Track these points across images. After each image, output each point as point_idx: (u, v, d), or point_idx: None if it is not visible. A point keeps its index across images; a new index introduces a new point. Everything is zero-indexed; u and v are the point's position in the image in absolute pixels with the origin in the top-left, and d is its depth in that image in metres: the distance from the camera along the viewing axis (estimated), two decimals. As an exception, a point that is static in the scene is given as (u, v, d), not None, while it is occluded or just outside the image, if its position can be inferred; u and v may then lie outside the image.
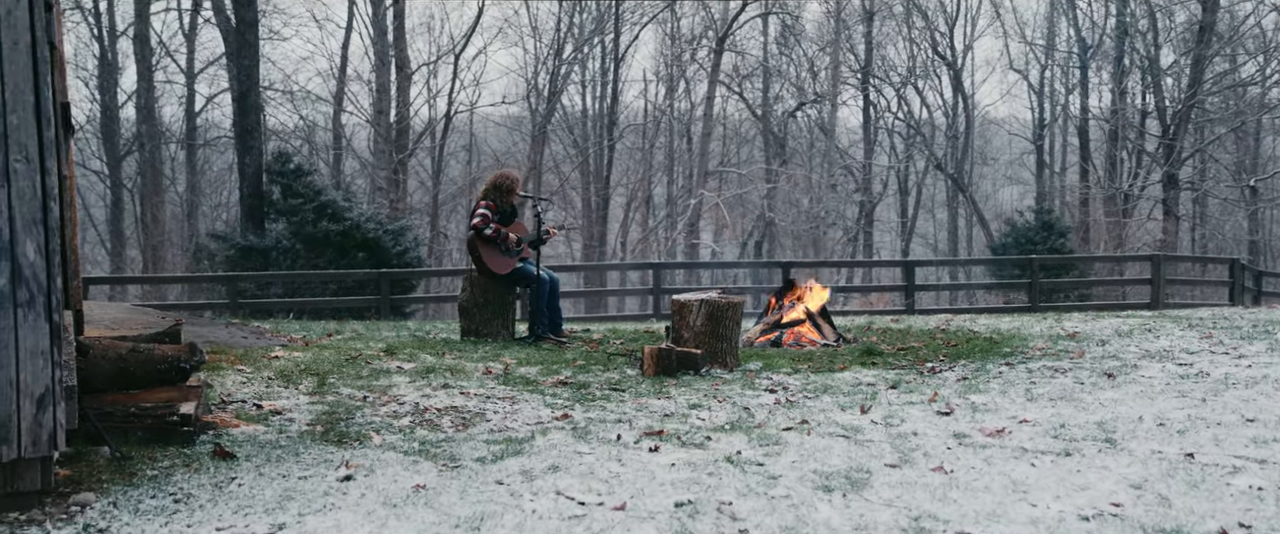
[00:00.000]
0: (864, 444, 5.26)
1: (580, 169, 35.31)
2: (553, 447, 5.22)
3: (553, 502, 4.30)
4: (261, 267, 19.11)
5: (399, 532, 3.91)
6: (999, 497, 4.36)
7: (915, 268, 20.09)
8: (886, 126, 37.50)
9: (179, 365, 5.19)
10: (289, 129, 33.13)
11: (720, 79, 36.51)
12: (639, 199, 35.26)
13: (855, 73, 35.30)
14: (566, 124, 36.15)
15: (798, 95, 36.76)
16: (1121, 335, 9.16)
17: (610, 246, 33.49)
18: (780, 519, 4.10)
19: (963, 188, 34.67)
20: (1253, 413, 5.77)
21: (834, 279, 34.61)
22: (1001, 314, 14.75)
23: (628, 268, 24.17)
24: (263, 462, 4.79)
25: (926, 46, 36.65)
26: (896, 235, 38.96)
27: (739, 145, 38.89)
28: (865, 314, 16.83)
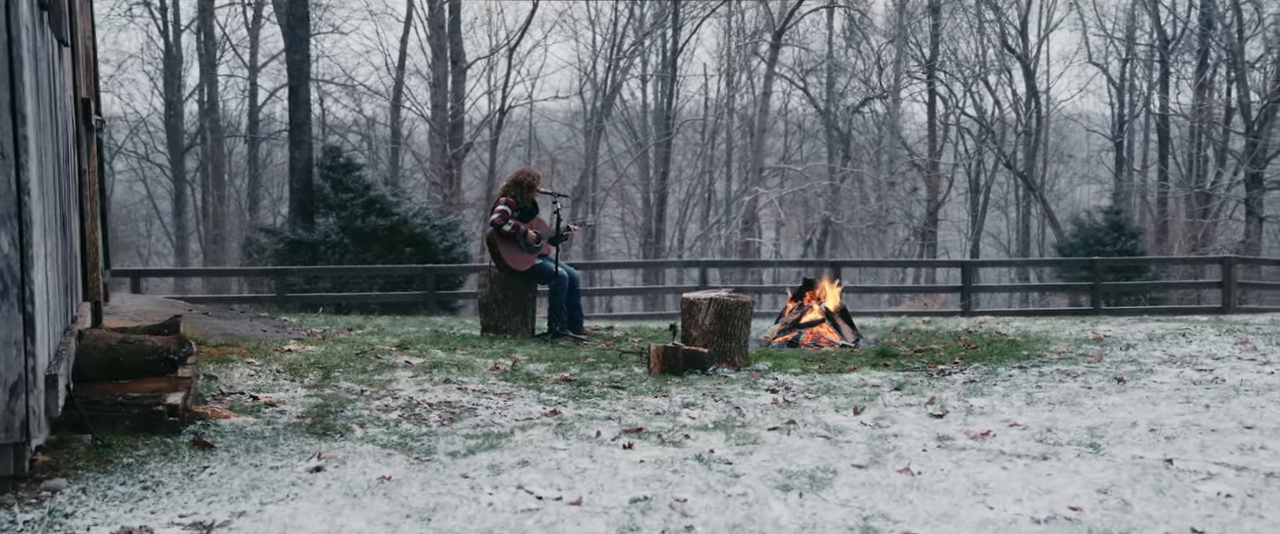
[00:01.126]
0: (841, 445, 5.34)
1: (638, 164, 35.48)
2: (530, 442, 5.38)
3: (511, 495, 4.45)
4: (310, 260, 19.55)
5: (353, 520, 4.09)
6: (957, 498, 4.43)
7: (971, 269, 19.96)
8: (955, 123, 37.14)
9: (168, 357, 5.43)
10: (346, 124, 33.71)
11: (782, 73, 36.47)
12: (697, 195, 35.33)
13: (922, 67, 35.02)
14: (625, 119, 36.33)
15: (864, 90, 36.60)
16: (1152, 340, 9.09)
17: (668, 243, 33.63)
18: (730, 517, 4.20)
19: (1033, 186, 34.23)
20: (1253, 420, 5.75)
21: (899, 279, 34.43)
22: (1057, 317, 14.63)
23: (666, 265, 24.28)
24: (240, 452, 5.01)
25: (996, 40, 36.20)
26: (965, 235, 38.59)
27: (802, 141, 38.78)
28: (919, 315, 16.78)
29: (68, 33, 6.77)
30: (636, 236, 34.84)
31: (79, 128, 7.82)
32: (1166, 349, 8.44)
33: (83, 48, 8.46)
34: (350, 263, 19.49)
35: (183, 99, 36.54)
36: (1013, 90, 38.02)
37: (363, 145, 35.70)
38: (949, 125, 37.35)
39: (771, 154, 35.86)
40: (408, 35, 33.68)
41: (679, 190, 36.62)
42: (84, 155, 7.99)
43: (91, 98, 8.41)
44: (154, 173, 38.66)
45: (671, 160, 34.80)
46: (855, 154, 35.55)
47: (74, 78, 7.81)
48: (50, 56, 5.78)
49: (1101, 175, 42.23)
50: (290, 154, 21.40)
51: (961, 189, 40.37)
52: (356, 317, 12.77)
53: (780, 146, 37.56)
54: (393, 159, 33.93)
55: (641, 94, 37.04)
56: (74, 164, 7.44)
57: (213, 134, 35.76)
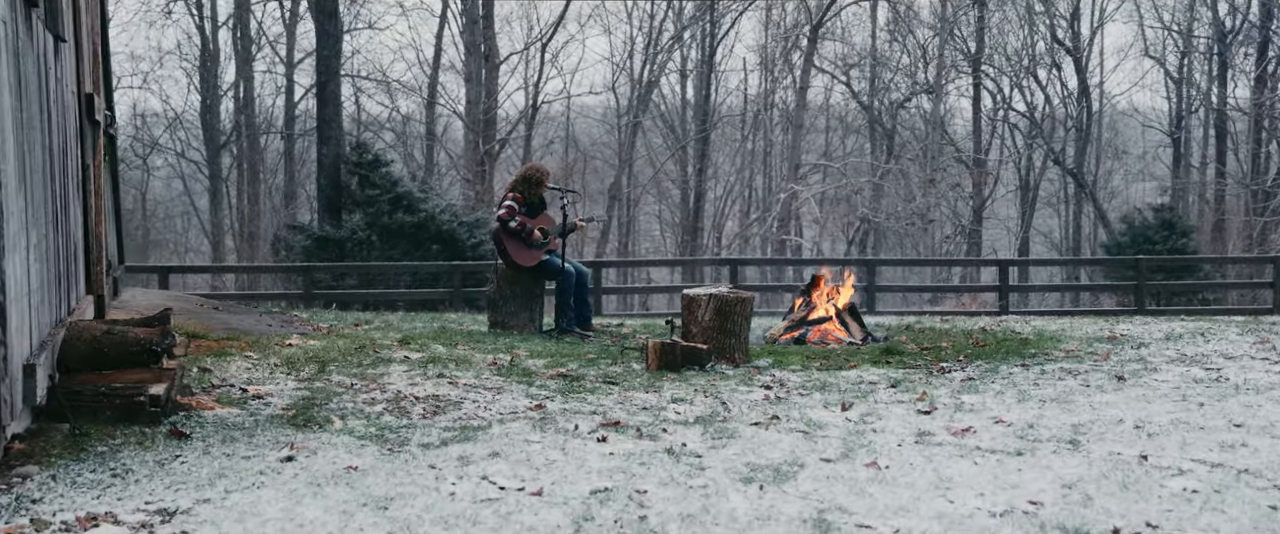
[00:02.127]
0: (817, 440, 5.43)
1: (675, 161, 35.59)
2: (506, 435, 5.51)
3: (474, 485, 4.59)
4: (337, 257, 19.84)
5: (310, 508, 4.24)
6: (918, 492, 4.50)
7: (1008, 268, 19.88)
8: (1003, 119, 36.89)
9: (150, 348, 5.62)
10: (382, 121, 34.10)
11: (824, 68, 36.45)
12: (736, 192, 35.38)
13: (967, 60, 34.83)
14: (662, 114, 36.46)
15: (908, 85, 36.46)
16: (1168, 339, 9.08)
17: (706, 241, 33.72)
18: (686, 507, 4.31)
19: (1082, 183, 33.94)
20: (1243, 419, 5.77)
21: (944, 277, 34.23)
22: (1077, 316, 14.57)
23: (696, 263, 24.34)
24: (216, 442, 5.18)
25: (1046, 33, 35.92)
26: (1013, 234, 38.32)
27: (844, 137, 38.70)
28: (955, 314, 16.76)
29: (65, 28, 6.98)
30: (672, 234, 34.95)
31: (82, 123, 8.06)
32: (1179, 348, 8.43)
33: (92, 44, 8.71)
34: (378, 260, 19.76)
35: (219, 95, 37.14)
36: (1063, 85, 37.72)
37: (399, 143, 36.15)
38: (997, 121, 37.12)
39: (812, 150, 35.84)
40: (443, 31, 34.07)
41: (717, 187, 36.70)
42: (88, 150, 8.23)
43: (97, 93, 8.64)
44: (190, 169, 39.31)
45: (710, 157, 34.89)
46: (899, 150, 35.44)
47: (78, 73, 8.06)
48: (40, 52, 5.99)
49: (1158, 172, 41.71)
50: (318, 150, 21.74)
51: (1011, 186, 40.08)
52: (367, 313, 13.00)
53: (822, 142, 37.51)
54: (428, 156, 34.29)
55: (681, 89, 37.20)
56: (76, 158, 7.67)
57: (248, 130, 36.33)
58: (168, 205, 43.09)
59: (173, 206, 42.93)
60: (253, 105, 36.34)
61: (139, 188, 39.32)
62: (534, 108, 32.97)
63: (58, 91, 6.75)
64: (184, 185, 40.51)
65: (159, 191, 43.59)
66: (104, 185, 9.39)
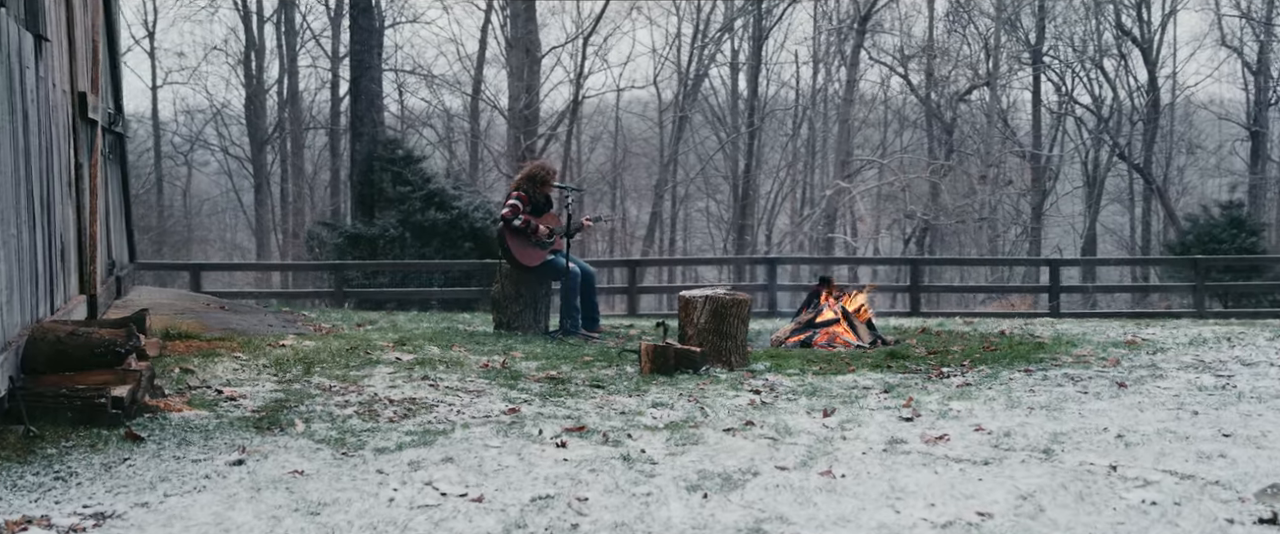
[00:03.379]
0: (782, 447, 5.42)
1: (723, 155, 35.54)
2: (466, 440, 5.57)
3: (416, 491, 4.65)
4: (369, 255, 20.07)
5: (242, 513, 4.32)
6: (866, 502, 4.50)
7: (1061, 267, 19.64)
8: (1068, 112, 36.39)
9: (114, 349, 5.74)
10: (425, 116, 34.40)
11: (882, 60, 36.22)
12: (786, 188, 35.25)
13: (1027, 50, 34.40)
14: (710, 109, 36.42)
15: (971, 77, 36.06)
16: (1192, 343, 8.94)
17: (757, 238, 33.64)
18: (622, 515, 4.34)
19: (1149, 179, 33.39)
20: (1234, 429, 5.68)
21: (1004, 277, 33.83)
22: (1132, 319, 14.37)
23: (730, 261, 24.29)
24: (170, 445, 5.29)
25: (1112, 22, 35.36)
26: (1078, 231, 37.81)
27: (900, 131, 38.41)
28: (1004, 317, 16.61)
29: (48, 27, 7.15)
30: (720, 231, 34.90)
31: (75, 121, 8.25)
32: (1198, 354, 8.30)
33: (88, 42, 8.90)
34: (410, 258, 19.95)
35: (264, 91, 37.71)
36: (1133, 77, 37.11)
37: (444, 138, 36.46)
38: (1060, 114, 36.63)
39: (866, 145, 35.61)
40: (488, 24, 34.29)
41: (768, 183, 36.60)
42: (83, 149, 8.41)
43: (94, 92, 8.82)
44: (235, 166, 39.97)
45: (758, 152, 34.80)
46: (958, 145, 35.09)
47: (71, 71, 8.24)
48: (11, 51, 6.13)
49: (1235, 167, 40.90)
50: (351, 147, 22.00)
51: (1076, 183, 39.53)
52: (396, 312, 13.14)
53: (877, 137, 37.26)
54: (472, 152, 34.56)
55: (731, 81, 37.11)
56: (65, 157, 7.85)
57: (293, 126, 36.86)
58: (214, 202, 43.88)
59: (219, 203, 43.71)
60: (297, 100, 36.84)
61: (181, 184, 40.08)
62: (576, 103, 33.09)
63: (39, 90, 6.90)
64: (231, 182, 41.21)
65: (205, 188, 44.38)
66: (103, 184, 9.60)
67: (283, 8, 36.89)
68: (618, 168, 35.68)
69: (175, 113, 38.47)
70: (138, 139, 37.93)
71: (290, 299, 19.65)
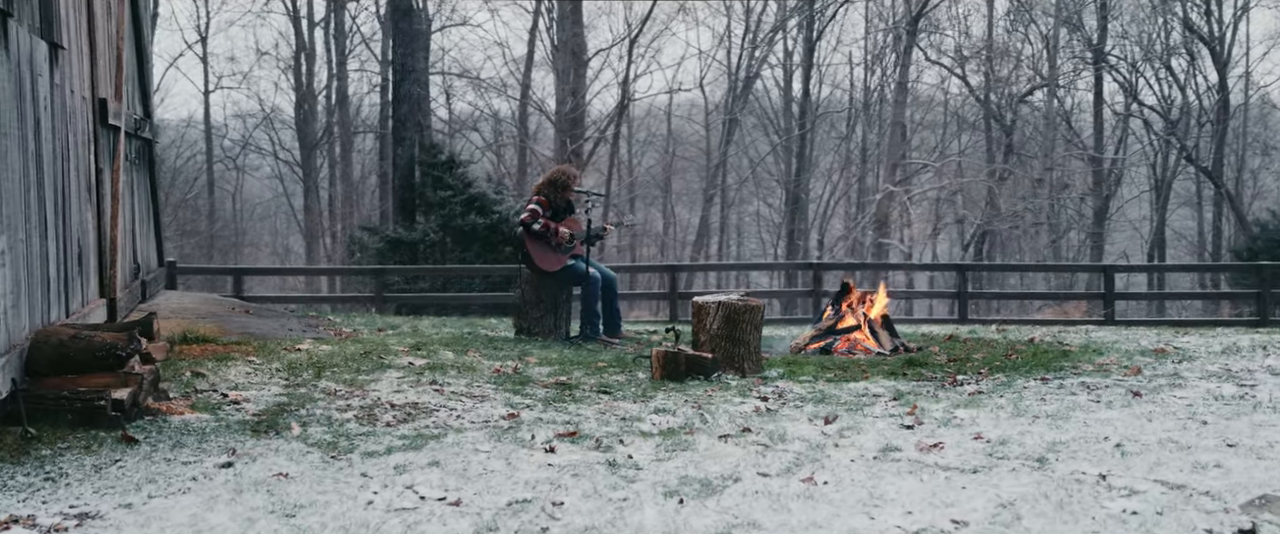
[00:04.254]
0: (770, 454, 5.48)
1: (774, 158, 35.49)
2: (457, 444, 5.68)
3: (396, 494, 4.77)
4: (410, 260, 20.33)
5: (218, 514, 4.46)
6: (842, 509, 4.55)
7: (1115, 273, 19.43)
8: (1135, 114, 35.94)
9: (115, 353, 5.92)
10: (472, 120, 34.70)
11: (941, 61, 36.00)
12: (840, 191, 35.12)
13: (1089, 49, 34.02)
14: (762, 111, 36.40)
15: (1031, 78, 35.75)
16: (1226, 352, 8.85)
17: (810, 243, 33.58)
18: (594, 519, 4.42)
19: (1218, 183, 32.90)
20: (1240, 439, 5.64)
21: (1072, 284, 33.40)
22: (1196, 328, 14.22)
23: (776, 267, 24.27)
24: (164, 447, 5.46)
25: (1179, 20, 34.87)
26: (1143, 237, 37.34)
27: (959, 133, 38.14)
28: (1054, 324, 16.50)
29: (65, 35, 7.37)
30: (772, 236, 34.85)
31: (95, 127, 8.49)
32: (1227, 362, 8.22)
33: (111, 50, 9.15)
34: (451, 262, 20.18)
35: (314, 95, 38.28)
36: (1201, 76, 36.55)
37: (493, 142, 36.79)
38: (1125, 116, 36.20)
39: (922, 148, 35.39)
40: (536, 27, 34.56)
41: (820, 187, 36.51)
42: (103, 154, 8.65)
43: (118, 98, 9.06)
44: (285, 168, 40.58)
45: (810, 155, 34.74)
46: (1018, 147, 34.76)
47: (92, 78, 8.48)
48: (21, 59, 6.35)
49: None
50: (393, 151, 22.27)
51: (1142, 187, 39.06)
52: (412, 316, 13.32)
53: (933, 139, 37.03)
54: (521, 156, 34.81)
55: (785, 82, 37.05)
56: (84, 163, 8.08)
57: (342, 130, 37.37)
58: (266, 206, 44.58)
59: (270, 207, 44.40)
60: (346, 104, 37.34)
61: (233, 188, 40.76)
62: (622, 105, 33.24)
63: (54, 97, 7.13)
64: (283, 186, 41.85)
65: (257, 192, 45.11)
66: (129, 190, 9.85)
67: (332, 12, 37.42)
68: (667, 171, 35.75)
69: (226, 117, 39.14)
70: (190, 143, 38.67)
71: (332, 304, 19.98)
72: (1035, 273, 27.24)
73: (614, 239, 34.18)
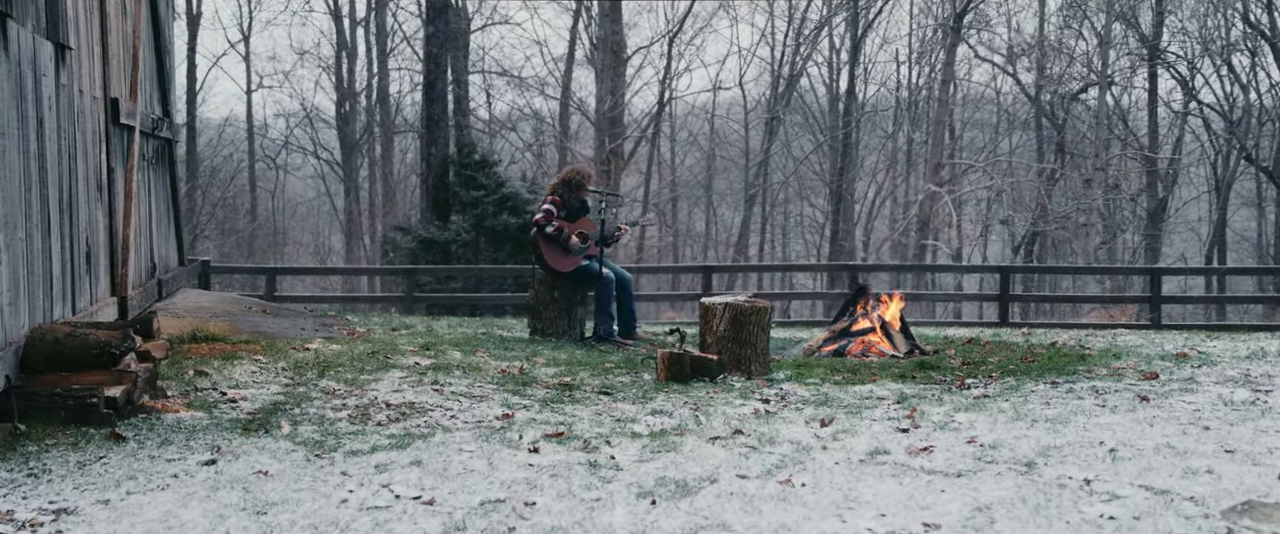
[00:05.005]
0: (757, 455, 5.52)
1: (818, 157, 35.40)
2: (443, 444, 5.77)
3: (371, 493, 4.85)
4: (442, 260, 20.50)
5: (191, 511, 4.57)
6: (814, 511, 4.58)
7: (1162, 276, 19.21)
8: (1194, 112, 35.44)
9: (110, 350, 6.07)
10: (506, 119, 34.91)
11: (992, 59, 35.75)
12: (885, 191, 34.98)
13: (1144, 47, 33.58)
14: (805, 108, 36.33)
15: (1085, 76, 35.38)
16: (1251, 357, 8.77)
17: (854, 244, 33.48)
18: (563, 519, 4.49)
19: (1278, 182, 32.38)
20: (1238, 445, 5.61)
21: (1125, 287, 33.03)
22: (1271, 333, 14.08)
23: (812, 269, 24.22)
24: (151, 445, 5.59)
25: (1239, 16, 34.34)
26: (1201, 238, 36.83)
27: (1009, 131, 37.86)
28: (1100, 327, 16.38)
29: (73, 35, 7.54)
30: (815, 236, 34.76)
31: (107, 127, 8.66)
32: (1248, 367, 8.15)
33: (125, 49, 9.34)
34: (484, 262, 20.34)
35: (355, 94, 38.67)
36: (1265, 74, 35.96)
37: (536, 143, 37.01)
38: (1183, 114, 35.72)
39: (969, 147, 35.16)
40: (577, 25, 34.70)
41: (864, 187, 36.38)
42: (116, 154, 8.83)
43: (133, 97, 9.24)
44: (325, 168, 41.02)
45: (853, 154, 34.62)
46: (1071, 147, 34.42)
47: (105, 78, 8.67)
48: (22, 59, 6.51)
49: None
50: (426, 150, 22.48)
51: (1201, 187, 38.55)
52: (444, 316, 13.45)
53: (981, 139, 36.77)
54: (561, 155, 34.96)
55: (831, 81, 36.98)
56: (94, 162, 8.26)
57: (383, 129, 37.72)
58: (308, 205, 45.09)
59: (314, 205, 44.90)
60: (387, 103, 37.68)
61: (274, 186, 41.25)
62: (661, 104, 33.31)
63: (60, 97, 7.29)
64: (325, 186, 42.30)
65: (299, 190, 45.63)
66: (146, 189, 10.03)
67: (373, 10, 37.76)
68: (709, 171, 35.79)
69: (265, 116, 39.72)
70: (227, 142, 39.18)
71: (369, 303, 20.19)
72: (1083, 275, 26.95)
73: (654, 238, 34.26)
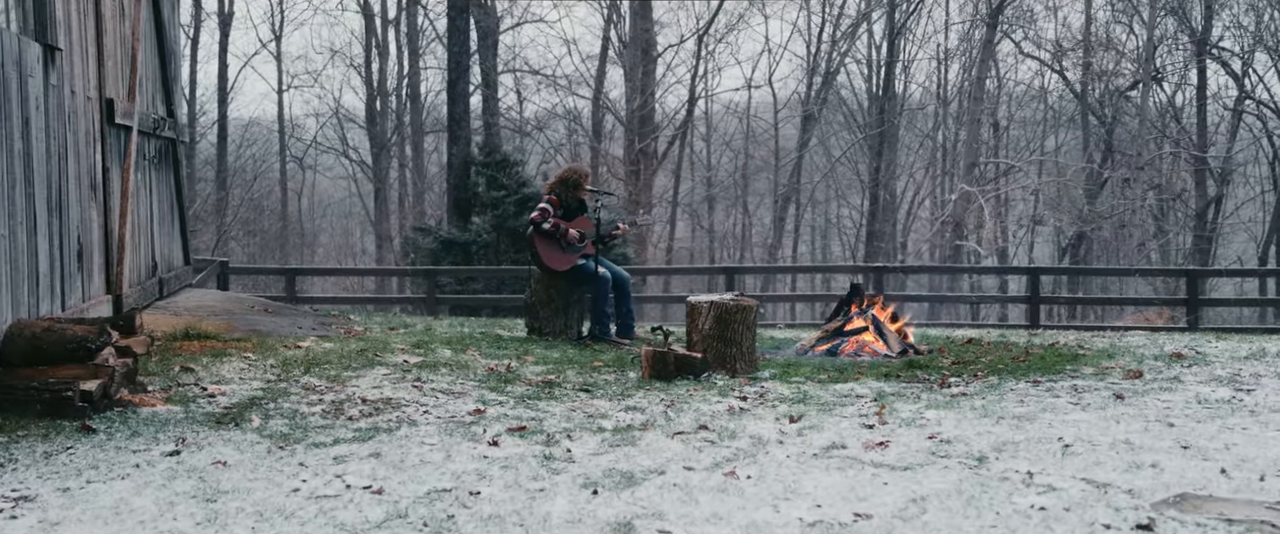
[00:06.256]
0: (713, 449, 5.72)
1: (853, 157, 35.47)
2: (407, 438, 6.02)
3: (323, 483, 5.10)
4: (463, 261, 20.80)
5: (143, 498, 4.83)
6: (750, 502, 4.77)
7: (1199, 278, 19.21)
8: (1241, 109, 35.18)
9: (86, 345, 6.36)
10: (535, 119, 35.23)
11: (1037, 55, 35.70)
12: (925, 191, 34.98)
13: (1192, 41, 33.39)
14: (842, 105, 36.42)
15: (1135, 71, 35.21)
16: (1250, 357, 8.83)
17: (893, 245, 33.53)
18: (503, 508, 4.71)
19: (1331, 181, 32.11)
20: (1197, 441, 5.74)
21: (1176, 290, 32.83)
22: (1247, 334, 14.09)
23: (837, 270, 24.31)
24: (120, 436, 5.87)
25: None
26: (1258, 241, 36.51)
27: (1055, 128, 37.74)
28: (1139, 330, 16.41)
29: (59, 36, 7.86)
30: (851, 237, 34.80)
31: (103, 127, 8.99)
32: (1241, 367, 8.23)
33: (122, 50, 9.67)
34: (505, 263, 20.60)
35: (387, 94, 39.16)
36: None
37: (568, 143, 37.32)
38: (1236, 112, 35.46)
39: (1011, 146, 35.09)
40: (610, 23, 34.97)
41: (901, 187, 36.40)
42: (111, 154, 9.16)
43: (130, 98, 9.57)
44: (357, 170, 41.51)
45: (894, 154, 34.66)
46: (1121, 146, 34.27)
47: (100, 78, 8.99)
48: (7, 61, 6.83)
49: None
50: (448, 150, 22.83)
51: (1259, 188, 38.22)
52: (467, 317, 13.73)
53: (1024, 137, 36.70)
54: (594, 156, 35.24)
55: (870, 77, 37.03)
56: (87, 161, 8.58)
57: (414, 129, 38.15)
58: (339, 205, 45.64)
59: (346, 206, 45.44)
60: (418, 103, 38.10)
61: (305, 187, 41.83)
62: (691, 102, 33.53)
63: (48, 97, 7.61)
64: (355, 185, 42.81)
65: (330, 191, 46.19)
66: (148, 189, 10.37)
67: (404, 10, 38.19)
68: (744, 170, 35.94)
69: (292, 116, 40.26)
70: (250, 142, 39.78)
71: (399, 304, 20.51)
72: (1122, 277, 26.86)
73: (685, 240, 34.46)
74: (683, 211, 34.89)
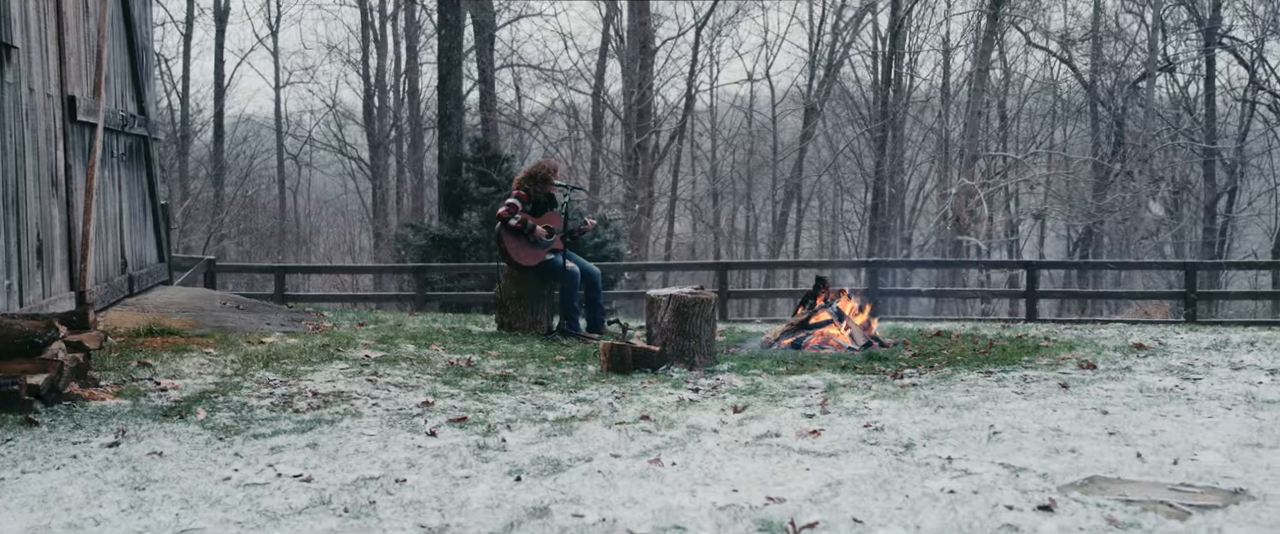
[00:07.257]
0: (647, 438, 5.90)
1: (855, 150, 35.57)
2: (347, 428, 6.21)
3: (255, 472, 5.29)
4: (454, 257, 21.01)
5: (73, 487, 5.02)
6: (666, 488, 4.95)
7: (1197, 271, 19.31)
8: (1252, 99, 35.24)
9: (33, 340, 6.56)
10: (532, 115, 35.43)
11: (1046, 46, 35.77)
12: (930, 184, 35.05)
13: (1199, 33, 33.46)
14: (846, 96, 36.54)
15: (1145, 61, 35.28)
16: (1214, 348, 9.02)
17: (895, 240, 33.66)
18: (425, 494, 4.89)
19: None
20: (1127, 428, 5.91)
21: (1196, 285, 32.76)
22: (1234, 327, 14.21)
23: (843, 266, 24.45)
24: (62, 429, 6.07)
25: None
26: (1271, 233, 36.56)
27: (1063, 119, 37.83)
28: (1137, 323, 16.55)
29: (14, 35, 8.06)
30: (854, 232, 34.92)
31: (65, 124, 9.20)
32: (1195, 358, 8.40)
33: (86, 47, 9.88)
34: (497, 261, 20.78)
35: (384, 90, 39.45)
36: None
37: (570, 137, 37.52)
38: (1248, 102, 35.52)
39: (1017, 138, 35.18)
40: (610, 17, 35.14)
41: (903, 181, 36.50)
42: (73, 151, 9.37)
43: (97, 95, 9.77)
44: (354, 166, 41.83)
45: (896, 147, 34.77)
46: (1132, 139, 34.32)
47: (61, 76, 9.20)
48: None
49: None
50: (439, 146, 23.02)
51: (1275, 179, 38.28)
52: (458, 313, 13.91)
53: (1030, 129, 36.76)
54: (594, 152, 35.45)
55: (875, 71, 37.14)
56: (48, 159, 8.79)
57: (412, 125, 38.44)
58: (337, 201, 45.97)
59: (343, 202, 45.76)
60: (416, 99, 38.38)
61: (301, 183, 42.11)
62: (690, 96, 33.69)
63: (5, 94, 7.82)
64: (352, 182, 43.13)
65: (327, 187, 46.51)
66: (115, 186, 10.58)
67: (401, 5, 38.48)
68: (748, 164, 36.08)
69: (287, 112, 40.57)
70: (241, 139, 40.08)
71: (376, 302, 20.75)
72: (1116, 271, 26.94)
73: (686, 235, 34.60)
74: (684, 208, 35.05)
